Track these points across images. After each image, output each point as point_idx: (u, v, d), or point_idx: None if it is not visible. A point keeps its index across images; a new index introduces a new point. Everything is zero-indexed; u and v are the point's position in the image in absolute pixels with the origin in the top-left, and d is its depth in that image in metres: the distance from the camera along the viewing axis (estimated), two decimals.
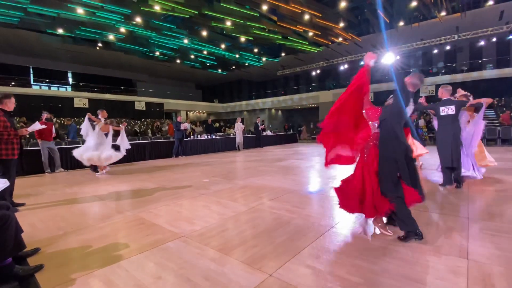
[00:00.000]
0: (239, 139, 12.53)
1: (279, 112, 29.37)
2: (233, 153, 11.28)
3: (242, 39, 16.96)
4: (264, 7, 13.04)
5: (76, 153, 6.16)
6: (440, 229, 2.52)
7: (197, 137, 11.67)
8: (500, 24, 16.00)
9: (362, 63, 21.76)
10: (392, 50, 15.62)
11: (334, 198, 3.74)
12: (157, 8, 11.86)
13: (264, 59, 22.19)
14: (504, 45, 18.10)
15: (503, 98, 16.08)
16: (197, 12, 12.62)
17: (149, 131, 17.93)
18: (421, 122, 13.90)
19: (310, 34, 16.36)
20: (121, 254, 2.18)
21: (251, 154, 10.80)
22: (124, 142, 6.72)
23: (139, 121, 21.81)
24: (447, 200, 3.46)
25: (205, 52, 19.37)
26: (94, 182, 5.56)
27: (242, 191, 4.31)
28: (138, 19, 13.29)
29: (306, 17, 14.32)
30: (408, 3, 14.21)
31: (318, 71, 24.75)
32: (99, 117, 6.57)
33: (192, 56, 20.15)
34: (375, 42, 17.30)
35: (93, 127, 6.41)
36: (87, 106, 19.80)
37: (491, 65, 18.65)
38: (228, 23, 14.14)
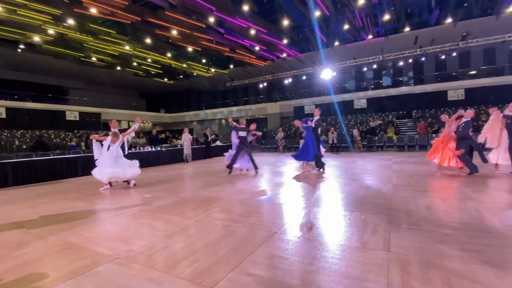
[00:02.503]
0: (187, 150, 12.14)
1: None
2: (181, 165, 10.85)
3: (190, 49, 16.73)
4: (211, 19, 13.15)
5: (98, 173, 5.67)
6: (368, 226, 2.81)
7: (139, 149, 10.91)
8: (415, 47, 19.03)
9: (304, 77, 23.48)
10: (329, 66, 17.20)
11: (281, 204, 3.89)
12: (93, 11, 10.96)
13: (212, 69, 22.20)
14: (419, 65, 21.52)
15: (419, 111, 18.96)
16: (139, 19, 12.06)
17: (83, 144, 16.12)
18: (355, 132, 15.44)
19: (257, 48, 17.00)
20: (39, 286, 1.88)
21: (200, 165, 10.54)
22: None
23: (70, 133, 19.47)
24: (373, 200, 3.88)
25: (149, 60, 18.52)
26: (8, 203, 4.74)
27: (188, 204, 4.16)
28: (71, 21, 12.08)
29: (252, 32, 14.86)
30: (342, 25, 15.91)
31: (265, 84, 25.74)
32: (111, 128, 6.14)
33: (135, 64, 19.05)
34: (315, 59, 18.83)
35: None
36: (3, 116, 16.98)
37: (410, 81, 21.92)
38: (174, 32, 13.84)
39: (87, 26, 12.79)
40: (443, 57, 19.94)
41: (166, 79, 24.19)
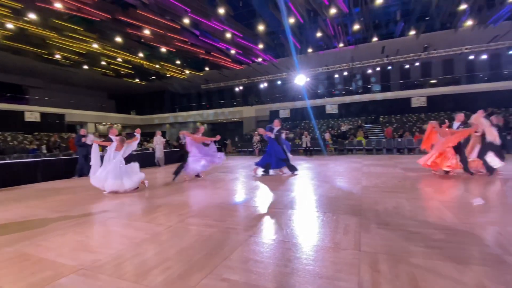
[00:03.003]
0: (159, 154, 11.74)
1: (204, 125, 29.04)
2: (153, 170, 10.46)
3: (163, 49, 16.31)
4: (186, 21, 12.96)
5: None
6: (340, 226, 2.89)
7: None
8: (382, 56, 20.19)
9: (279, 82, 23.87)
10: (303, 72, 17.69)
11: (256, 207, 3.88)
12: (58, 5, 10.30)
13: (187, 71, 21.82)
14: (385, 73, 22.85)
15: (386, 116, 20.09)
16: (109, 16, 11.54)
17: (44, 147, 14.96)
18: (327, 136, 15.98)
19: (233, 52, 17.02)
20: None
21: (173, 170, 10.22)
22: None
23: (30, 135, 17.99)
24: (344, 201, 4.02)
25: (119, 60, 17.75)
26: None
27: (160, 210, 4.00)
28: (32, 16, 11.24)
29: (228, 35, 14.86)
30: (315, 33, 16.44)
31: (241, 88, 25.81)
32: (110, 136, 5.86)
33: (104, 63, 18.15)
34: (289, 64, 19.26)
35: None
36: None
37: (377, 88, 23.18)
38: (147, 32, 13.42)
39: (51, 21, 11.98)
40: (407, 66, 21.38)
41: (137, 80, 23.33)
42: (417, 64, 20.93)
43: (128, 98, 30.55)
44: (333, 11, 13.27)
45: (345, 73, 23.12)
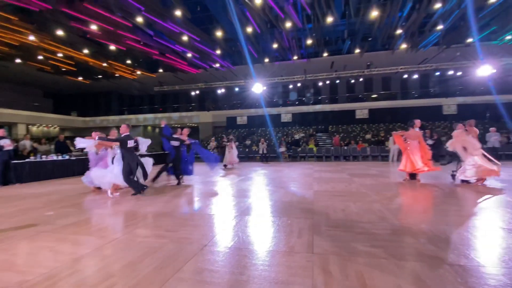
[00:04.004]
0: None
1: (156, 130, 27.62)
2: None
3: (112, 47, 15.17)
4: (140, 19, 12.30)
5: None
6: (294, 230, 2.97)
7: (41, 157, 9.09)
8: (332, 71, 21.80)
9: (236, 89, 24.02)
10: (260, 81, 18.12)
11: (211, 215, 3.77)
12: None
13: (138, 72, 20.60)
14: (334, 87, 24.67)
15: (334, 126, 21.62)
16: (50, 7, 10.34)
17: None
18: (282, 149, 16.51)
19: (189, 55, 16.64)
20: None
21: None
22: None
23: None
24: (298, 206, 4.17)
25: (60, 55, 15.97)
26: None
27: (103, 221, 3.63)
28: None
29: (185, 38, 14.51)
30: (271, 44, 17.01)
31: (198, 92, 25.29)
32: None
33: (41, 57, 16.13)
34: (247, 72, 19.55)
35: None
36: None
37: (326, 100, 24.88)
38: (94, 27, 12.35)
39: None
40: (352, 81, 23.42)
41: (81, 78, 21.20)
42: (361, 79, 23.11)
43: (68, 97, 27.51)
44: (288, 24, 13.94)
45: (299, 84, 24.36)
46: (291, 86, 24.80)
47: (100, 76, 21.27)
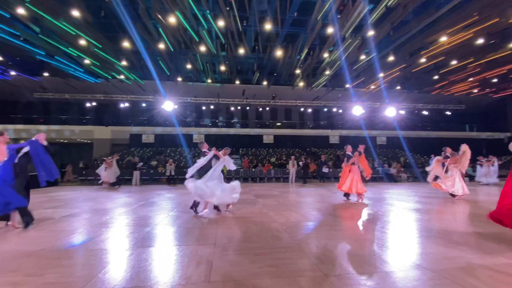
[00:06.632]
0: None
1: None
2: None
3: None
4: (21, 11, 10.17)
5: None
6: (193, 258, 2.83)
7: None
8: (243, 98, 23.19)
9: (144, 104, 22.39)
10: (171, 99, 17.50)
11: (99, 249, 3.17)
12: None
13: (13, 72, 16.60)
14: (245, 113, 26.17)
15: (244, 149, 22.68)
16: None
17: None
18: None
19: (87, 61, 14.65)
20: None
21: None
22: None
23: None
24: (201, 231, 4.04)
25: None
26: None
27: None
28: None
29: (82, 42, 12.79)
30: (185, 64, 16.90)
31: (95, 104, 22.17)
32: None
33: None
34: (157, 88, 18.58)
35: None
36: None
37: (238, 124, 26.04)
38: None
39: None
40: (260, 109, 25.53)
41: None
42: (267, 108, 25.47)
43: None
44: (202, 48, 14.25)
45: (212, 107, 24.75)
46: (204, 108, 24.92)
47: None
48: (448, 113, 25.84)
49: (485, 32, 12.12)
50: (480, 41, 12.84)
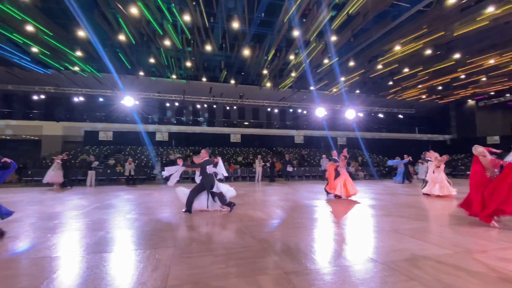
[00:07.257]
0: None
1: None
2: None
3: None
4: None
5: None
6: (150, 263, 2.70)
7: None
8: (210, 96, 22.77)
9: (101, 99, 20.92)
10: (131, 94, 16.54)
11: (39, 259, 2.86)
12: None
13: None
14: (212, 111, 25.74)
15: (211, 148, 22.28)
16: None
17: None
18: (158, 164, 15.40)
19: (35, 50, 13.24)
20: None
21: None
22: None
23: None
24: (160, 234, 3.88)
25: None
26: None
27: None
28: None
29: (30, 28, 11.54)
30: (148, 58, 16.10)
31: (44, 96, 20.14)
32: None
33: None
34: (115, 82, 17.43)
35: None
36: None
37: (205, 123, 25.55)
38: None
39: None
40: (228, 108, 25.33)
41: None
42: (235, 107, 25.36)
43: None
44: (167, 42, 13.69)
45: (177, 104, 23.95)
46: (168, 104, 24.00)
47: None
48: (401, 116, 28.21)
49: (433, 44, 13.41)
50: (428, 51, 14.17)
